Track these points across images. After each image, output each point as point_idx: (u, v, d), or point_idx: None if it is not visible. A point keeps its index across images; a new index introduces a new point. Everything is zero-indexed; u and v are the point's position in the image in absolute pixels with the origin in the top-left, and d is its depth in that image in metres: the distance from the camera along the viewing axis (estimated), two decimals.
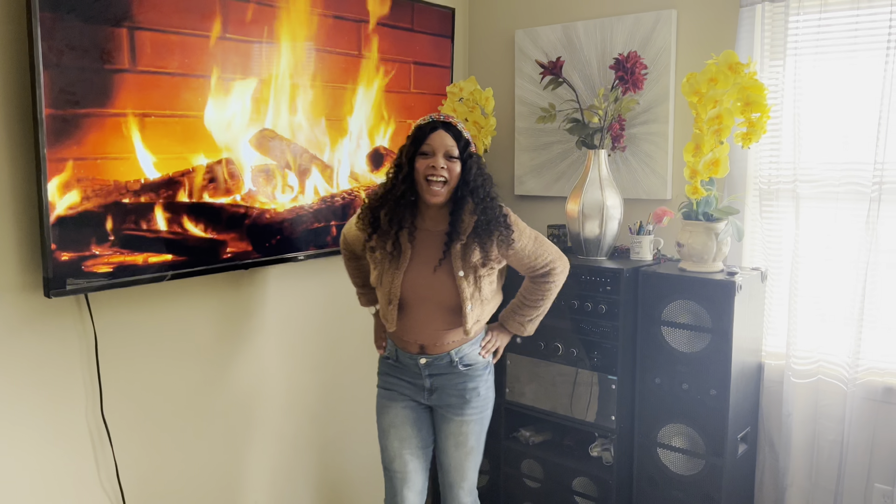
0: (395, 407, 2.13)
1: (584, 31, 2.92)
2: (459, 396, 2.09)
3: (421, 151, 1.94)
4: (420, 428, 2.14)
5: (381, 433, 2.17)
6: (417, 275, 2.00)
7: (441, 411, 2.13)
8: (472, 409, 2.11)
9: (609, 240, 2.69)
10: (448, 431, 2.13)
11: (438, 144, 1.93)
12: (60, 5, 1.80)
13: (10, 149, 1.86)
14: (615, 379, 2.54)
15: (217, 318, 2.40)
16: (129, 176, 2.00)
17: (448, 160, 1.94)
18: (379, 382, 2.19)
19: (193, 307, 2.32)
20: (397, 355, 2.11)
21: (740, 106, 2.29)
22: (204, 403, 2.38)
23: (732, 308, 2.31)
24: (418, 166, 1.94)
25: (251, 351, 2.52)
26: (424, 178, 1.94)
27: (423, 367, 2.07)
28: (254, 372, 2.54)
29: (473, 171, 1.96)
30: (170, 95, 2.07)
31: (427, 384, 2.08)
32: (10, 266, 1.89)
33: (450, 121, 1.98)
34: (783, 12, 2.43)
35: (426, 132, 1.95)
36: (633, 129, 2.81)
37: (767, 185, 2.53)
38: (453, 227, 1.97)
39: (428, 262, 2.00)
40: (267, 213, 2.38)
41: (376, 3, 2.68)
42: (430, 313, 2.02)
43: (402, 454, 2.12)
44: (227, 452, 2.47)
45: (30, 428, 1.96)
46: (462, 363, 2.08)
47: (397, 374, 2.13)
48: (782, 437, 2.54)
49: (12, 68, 1.85)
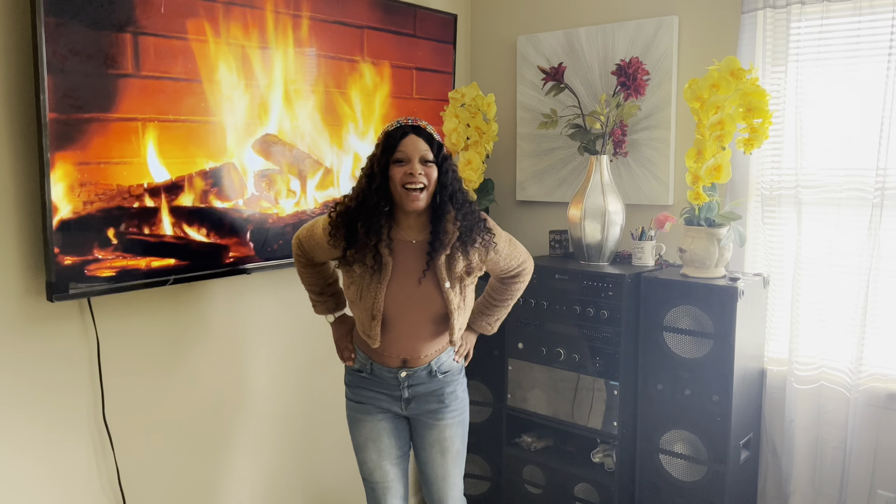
0: (371, 420, 2.05)
1: (586, 37, 2.93)
2: (438, 401, 2.05)
3: (394, 159, 1.86)
4: (398, 437, 2.09)
5: (357, 446, 2.09)
6: (401, 288, 1.91)
7: (421, 419, 2.08)
8: (453, 412, 2.07)
9: (611, 245, 2.69)
10: (432, 439, 2.07)
11: (412, 150, 1.85)
12: (65, 10, 1.81)
13: (14, 152, 1.87)
14: (617, 385, 2.54)
15: (218, 321, 2.40)
16: (132, 180, 2.00)
17: (424, 165, 1.86)
18: (349, 394, 2.10)
19: (195, 312, 2.32)
20: (372, 369, 2.03)
21: (742, 112, 2.29)
22: (205, 407, 2.38)
23: (735, 314, 2.30)
24: (393, 175, 1.85)
25: (252, 354, 2.52)
26: (402, 187, 1.85)
27: (403, 379, 2.02)
28: (255, 375, 2.54)
29: (450, 174, 1.90)
30: (173, 100, 2.07)
31: (405, 394, 2.03)
32: (13, 270, 1.89)
33: (419, 124, 1.89)
34: (785, 19, 2.43)
35: (397, 138, 1.85)
36: (634, 135, 2.82)
37: (769, 190, 2.54)
38: (436, 236, 1.90)
39: (410, 274, 1.91)
40: (269, 218, 2.38)
41: (378, 9, 2.69)
42: (414, 326, 1.96)
43: (382, 465, 2.07)
44: (226, 455, 2.47)
45: (32, 432, 1.96)
46: (440, 371, 2.05)
47: (371, 387, 2.05)
48: (785, 443, 2.53)
49: (17, 72, 1.85)
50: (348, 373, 2.11)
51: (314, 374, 2.76)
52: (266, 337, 2.57)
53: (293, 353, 2.67)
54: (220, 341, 2.41)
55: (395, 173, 1.85)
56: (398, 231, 1.94)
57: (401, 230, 1.94)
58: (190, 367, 2.32)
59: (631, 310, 2.53)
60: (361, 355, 2.05)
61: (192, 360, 2.33)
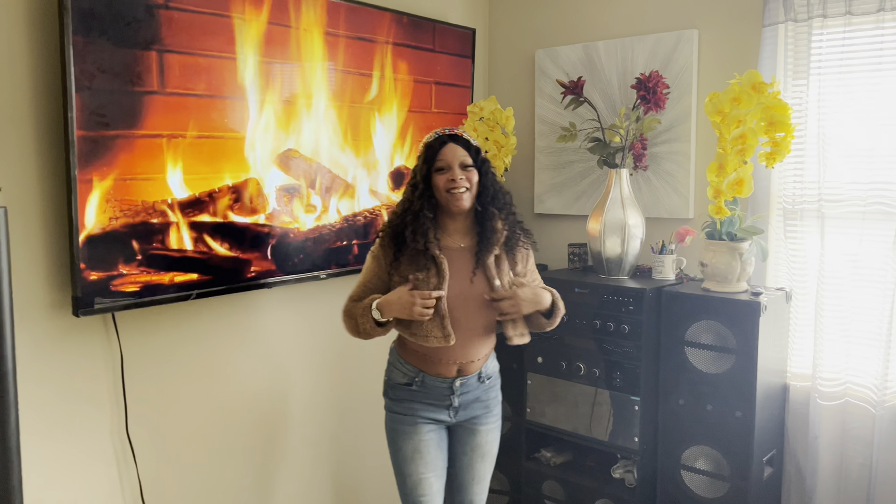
0: (418, 431, 2.06)
1: (605, 50, 2.93)
2: (484, 407, 2.10)
3: (436, 168, 1.96)
4: (442, 448, 2.12)
5: (402, 460, 2.07)
6: (454, 290, 1.97)
7: (466, 425, 2.11)
8: (495, 416, 2.14)
9: (631, 259, 2.68)
10: (474, 444, 2.12)
11: (451, 157, 1.95)
12: (92, 29, 1.84)
13: (41, 170, 1.89)
14: (638, 400, 2.52)
15: (240, 336, 2.41)
16: (156, 196, 2.02)
17: (464, 170, 1.96)
18: (392, 407, 2.10)
19: (217, 325, 2.33)
20: (423, 381, 2.04)
21: (764, 126, 2.28)
22: (227, 421, 2.39)
23: (757, 328, 2.29)
24: (437, 182, 1.96)
25: (274, 369, 2.53)
26: (446, 192, 1.95)
27: (458, 387, 2.04)
28: (277, 390, 2.55)
29: (490, 176, 2.00)
30: (197, 116, 2.10)
31: (455, 403, 2.06)
32: (39, 285, 1.91)
33: (456, 132, 2.00)
34: (806, 32, 2.42)
35: (437, 148, 1.96)
36: (654, 148, 2.81)
37: (791, 204, 2.52)
38: (483, 237, 1.99)
39: (461, 276, 1.98)
40: (290, 233, 2.40)
41: (399, 25, 2.71)
42: (469, 327, 2.00)
43: (427, 477, 2.07)
44: (248, 470, 2.47)
45: (57, 445, 1.98)
46: (486, 376, 2.10)
47: (419, 399, 2.06)
48: (809, 460, 2.50)
49: (45, 91, 1.88)
50: (391, 387, 2.11)
51: (339, 387, 2.76)
52: (288, 351, 2.58)
53: (317, 367, 2.68)
54: (243, 356, 2.42)
55: (438, 181, 1.95)
56: (444, 237, 2.01)
57: (447, 236, 2.02)
58: (212, 382, 2.33)
59: (652, 324, 2.52)
60: (411, 368, 2.06)
61: (215, 375, 2.34)
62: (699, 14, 2.72)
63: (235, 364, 2.40)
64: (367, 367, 2.87)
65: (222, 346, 2.36)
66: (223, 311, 2.35)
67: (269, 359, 2.52)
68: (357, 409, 2.85)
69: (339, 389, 2.78)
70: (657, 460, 2.56)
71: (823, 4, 2.36)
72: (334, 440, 2.78)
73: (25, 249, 1.87)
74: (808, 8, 2.40)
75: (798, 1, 2.42)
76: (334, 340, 2.74)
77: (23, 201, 1.86)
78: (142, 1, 1.94)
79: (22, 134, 1.86)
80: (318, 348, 2.68)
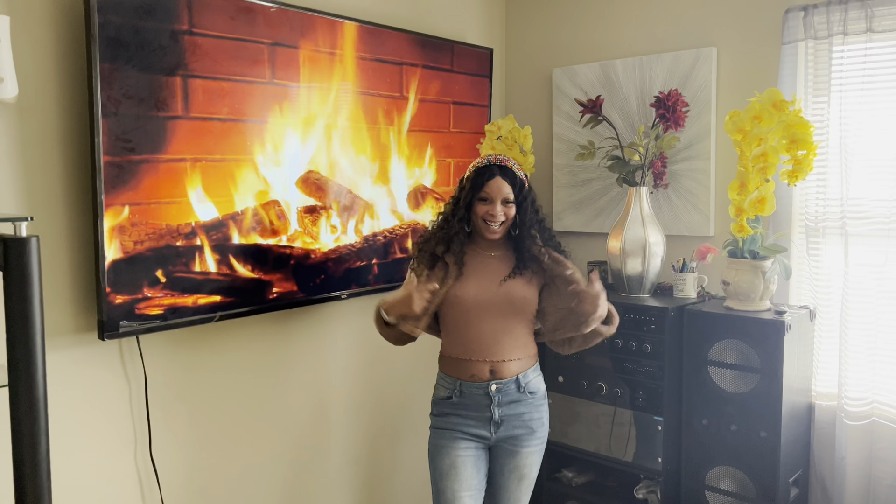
0: (456, 448, 2.07)
1: (623, 68, 2.93)
2: (526, 427, 2.08)
3: (479, 197, 2.04)
4: (479, 469, 2.10)
5: (439, 475, 2.08)
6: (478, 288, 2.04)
7: (505, 445, 2.10)
8: (538, 440, 2.11)
9: (652, 277, 2.67)
10: (512, 465, 2.10)
11: (496, 192, 2.03)
12: (119, 56, 1.86)
13: (67, 195, 1.92)
14: (661, 420, 2.50)
15: (262, 357, 2.41)
16: (180, 219, 2.04)
17: (505, 205, 2.04)
18: (435, 423, 2.13)
19: (239, 347, 2.34)
20: (461, 391, 2.07)
21: (786, 143, 2.27)
22: (250, 445, 2.39)
23: (782, 347, 2.27)
24: (477, 210, 2.05)
25: (298, 390, 2.53)
26: (482, 220, 2.05)
27: (495, 393, 2.04)
28: (303, 411, 2.54)
29: (528, 211, 2.07)
30: (220, 140, 2.12)
31: (496, 415, 2.05)
32: (65, 309, 1.93)
33: (506, 164, 2.06)
34: (827, 49, 2.42)
35: (484, 180, 2.04)
36: (673, 166, 2.80)
37: (814, 221, 2.50)
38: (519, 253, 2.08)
39: (488, 279, 2.06)
40: (312, 254, 2.41)
41: (417, 46, 2.72)
42: (495, 328, 2.04)
43: (462, 497, 2.06)
44: (275, 494, 2.47)
45: (81, 467, 1.98)
46: (528, 389, 2.08)
47: (460, 412, 2.07)
48: (835, 481, 2.47)
49: (72, 117, 1.91)
50: (435, 403, 2.14)
51: (367, 408, 2.75)
52: (312, 372, 2.58)
53: (343, 387, 2.68)
54: (266, 377, 2.42)
55: (478, 209, 2.05)
56: (475, 248, 2.11)
57: (479, 248, 2.11)
58: (236, 404, 2.34)
59: (674, 343, 2.50)
60: (450, 380, 2.09)
61: (238, 397, 2.34)
62: (718, 32, 2.72)
63: (259, 386, 2.40)
64: (388, 389, 2.86)
65: (246, 368, 2.36)
66: (246, 333, 2.35)
67: (294, 380, 2.52)
68: (381, 429, 2.85)
69: (367, 410, 2.77)
70: (681, 481, 2.53)
71: (844, 23, 2.36)
72: (364, 463, 2.77)
73: (51, 273, 1.89)
74: (828, 26, 2.39)
75: (818, 19, 2.42)
76: (358, 360, 2.74)
77: (49, 226, 1.88)
78: (167, 27, 1.96)
79: (49, 160, 1.88)
80: (343, 368, 2.68)
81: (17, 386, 1.11)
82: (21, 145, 1.82)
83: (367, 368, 2.79)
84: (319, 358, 2.61)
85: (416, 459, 2.95)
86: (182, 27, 2.00)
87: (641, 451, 2.55)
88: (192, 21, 2.02)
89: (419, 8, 2.91)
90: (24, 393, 1.12)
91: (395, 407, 2.90)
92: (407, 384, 2.93)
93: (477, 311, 2.04)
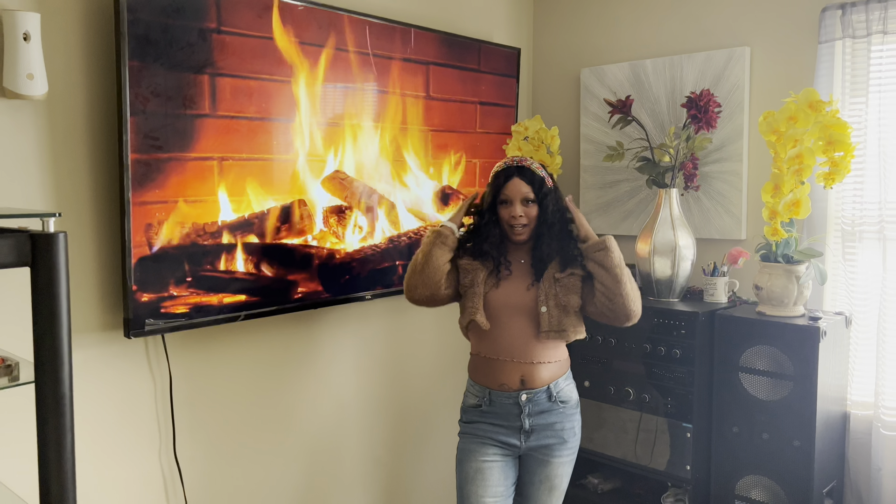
0: (483, 453, 2.04)
1: (653, 68, 2.89)
2: (557, 437, 2.05)
3: (500, 200, 2.05)
4: (507, 476, 2.07)
5: (464, 480, 2.05)
6: (511, 293, 2.04)
7: (536, 455, 2.06)
8: (569, 450, 2.08)
9: (682, 281, 2.61)
10: (543, 475, 2.07)
11: (514, 193, 2.03)
12: (147, 54, 1.86)
13: (95, 193, 1.92)
14: (690, 427, 2.44)
15: (286, 357, 2.40)
16: (206, 218, 2.03)
17: (525, 205, 2.04)
18: (464, 430, 2.10)
19: (263, 347, 2.33)
20: (490, 399, 2.05)
21: (822, 145, 2.21)
22: (274, 444, 2.38)
23: (817, 354, 2.20)
24: (501, 214, 2.06)
25: (322, 390, 2.52)
26: (507, 224, 2.05)
27: (525, 403, 2.01)
28: (327, 412, 2.53)
29: (550, 208, 2.05)
30: (247, 139, 2.11)
31: (526, 425, 2.02)
32: (92, 307, 1.93)
33: (524, 164, 2.05)
34: (865, 48, 2.35)
35: (502, 182, 2.05)
36: (704, 168, 2.75)
37: (851, 225, 2.43)
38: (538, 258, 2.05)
39: (517, 285, 2.05)
40: (336, 254, 2.39)
41: (444, 46, 2.70)
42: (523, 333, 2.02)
43: (486, 502, 2.03)
44: (298, 493, 2.45)
45: (105, 466, 1.98)
46: (560, 399, 2.05)
47: (489, 420, 2.05)
48: (871, 492, 2.39)
49: (100, 115, 1.91)
50: (464, 411, 2.12)
51: (391, 409, 2.74)
52: (336, 372, 2.56)
53: (367, 387, 2.66)
54: (289, 377, 2.41)
55: (502, 213, 2.06)
56: (508, 251, 2.11)
57: (510, 252, 2.11)
58: (259, 404, 2.33)
59: (704, 349, 2.45)
60: (480, 389, 2.07)
61: (262, 397, 2.33)
62: (751, 31, 2.67)
63: (283, 386, 2.40)
64: (412, 388, 2.84)
65: (269, 368, 2.35)
66: (270, 333, 2.34)
67: (318, 380, 2.50)
68: (405, 429, 2.83)
69: (390, 412, 2.75)
70: (710, 490, 2.48)
71: (884, 21, 2.29)
72: (386, 466, 2.75)
73: (78, 271, 1.89)
74: (867, 24, 2.33)
75: (856, 17, 2.35)
76: (383, 361, 2.72)
77: (76, 224, 1.89)
78: (195, 25, 1.96)
79: (77, 157, 1.88)
80: (367, 368, 2.67)
81: (43, 383, 1.11)
82: (50, 142, 1.83)
83: (392, 370, 2.77)
84: (343, 359, 2.60)
85: (441, 466, 2.92)
86: (210, 25, 2.00)
87: (670, 458, 2.50)
88: (221, 19, 2.02)
89: (446, 8, 2.89)
90: (50, 390, 1.11)
91: (419, 410, 2.88)
92: (432, 387, 2.91)
93: (508, 313, 2.03)
